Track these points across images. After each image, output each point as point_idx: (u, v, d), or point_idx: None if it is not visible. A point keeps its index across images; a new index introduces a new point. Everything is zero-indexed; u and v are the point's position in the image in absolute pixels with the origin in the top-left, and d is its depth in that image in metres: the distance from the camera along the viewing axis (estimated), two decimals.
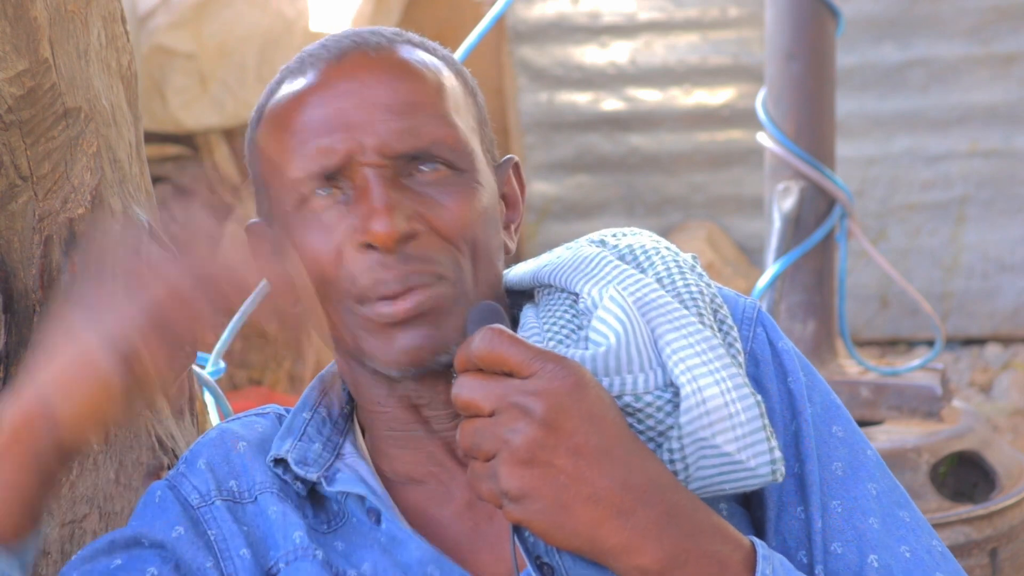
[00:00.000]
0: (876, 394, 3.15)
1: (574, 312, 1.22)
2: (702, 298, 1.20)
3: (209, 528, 1.23)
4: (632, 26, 6.23)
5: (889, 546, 1.18)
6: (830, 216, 3.21)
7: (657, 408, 1.13)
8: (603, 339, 1.15)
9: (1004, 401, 5.28)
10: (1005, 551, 2.85)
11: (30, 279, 1.34)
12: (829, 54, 3.24)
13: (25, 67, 1.29)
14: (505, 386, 1.06)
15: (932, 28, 5.80)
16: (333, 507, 1.25)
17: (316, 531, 1.23)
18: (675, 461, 1.12)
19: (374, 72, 1.22)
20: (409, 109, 1.21)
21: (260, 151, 1.27)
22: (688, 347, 1.13)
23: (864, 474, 1.22)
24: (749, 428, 1.11)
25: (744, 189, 6.11)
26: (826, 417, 1.24)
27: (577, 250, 1.26)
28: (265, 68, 4.62)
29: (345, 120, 1.20)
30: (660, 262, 1.23)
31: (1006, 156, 5.81)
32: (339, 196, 1.21)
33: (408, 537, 1.20)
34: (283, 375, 5.00)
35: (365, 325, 1.20)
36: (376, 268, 1.18)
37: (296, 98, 1.23)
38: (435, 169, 1.21)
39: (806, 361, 1.27)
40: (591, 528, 1.04)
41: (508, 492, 1.05)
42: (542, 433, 1.04)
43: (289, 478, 1.25)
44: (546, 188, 6.37)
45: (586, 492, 1.04)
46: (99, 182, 1.39)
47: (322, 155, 1.20)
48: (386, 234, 1.16)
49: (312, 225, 1.21)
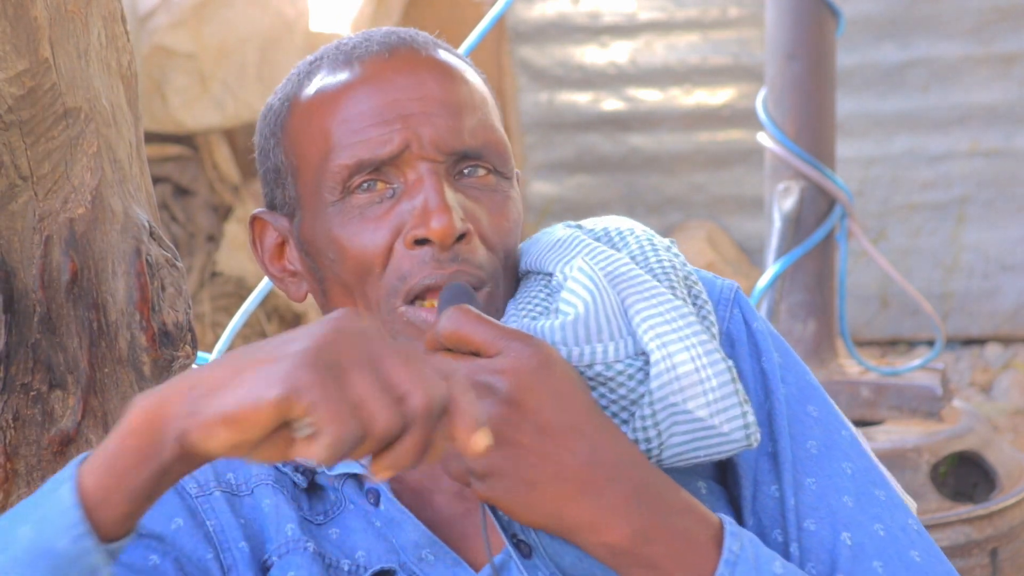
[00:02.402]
0: (876, 394, 3.15)
1: (548, 292, 1.22)
2: (675, 272, 1.21)
3: (208, 518, 1.23)
4: (632, 26, 6.23)
5: (863, 524, 1.18)
6: (830, 216, 3.21)
7: (628, 376, 1.13)
8: (571, 308, 1.15)
9: (1004, 401, 5.28)
10: (1005, 551, 2.86)
11: (30, 279, 1.34)
12: (829, 54, 3.24)
13: (25, 67, 1.29)
14: (471, 366, 1.07)
15: (932, 28, 5.79)
16: (331, 496, 1.25)
17: (311, 523, 1.23)
18: (647, 427, 1.12)
19: (429, 69, 1.23)
20: (462, 109, 1.22)
21: (292, 138, 1.26)
22: (658, 315, 1.13)
23: (839, 453, 1.22)
24: (721, 393, 1.11)
25: (744, 189, 6.11)
26: (801, 397, 1.24)
27: (552, 234, 1.27)
28: (265, 68, 4.62)
29: (402, 111, 1.20)
30: (634, 241, 1.24)
31: (1006, 156, 5.81)
32: (384, 191, 1.21)
33: (405, 518, 1.20)
34: None
35: (406, 330, 1.19)
36: (429, 263, 1.18)
37: (344, 87, 1.22)
38: (480, 173, 1.22)
39: (782, 341, 1.28)
40: (558, 505, 1.05)
41: (475, 470, 1.05)
42: (507, 411, 1.05)
43: (289, 469, 1.25)
44: (546, 188, 6.37)
45: (552, 470, 1.05)
46: (99, 182, 1.39)
47: (377, 144, 1.19)
48: (444, 230, 1.16)
49: (357, 218, 1.21)
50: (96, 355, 1.37)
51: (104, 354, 1.38)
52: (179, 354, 1.44)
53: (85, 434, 1.36)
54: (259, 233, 1.32)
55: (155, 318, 1.42)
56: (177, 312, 1.44)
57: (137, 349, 1.41)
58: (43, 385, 1.34)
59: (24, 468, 1.34)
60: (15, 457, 1.33)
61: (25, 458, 1.34)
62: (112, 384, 1.39)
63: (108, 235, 1.40)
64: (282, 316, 5.01)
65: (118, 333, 1.40)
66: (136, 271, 1.41)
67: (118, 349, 1.40)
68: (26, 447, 1.33)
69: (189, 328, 1.46)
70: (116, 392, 1.40)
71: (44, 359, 1.34)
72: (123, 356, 1.40)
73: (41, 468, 1.35)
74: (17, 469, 1.33)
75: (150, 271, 1.42)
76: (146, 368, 1.42)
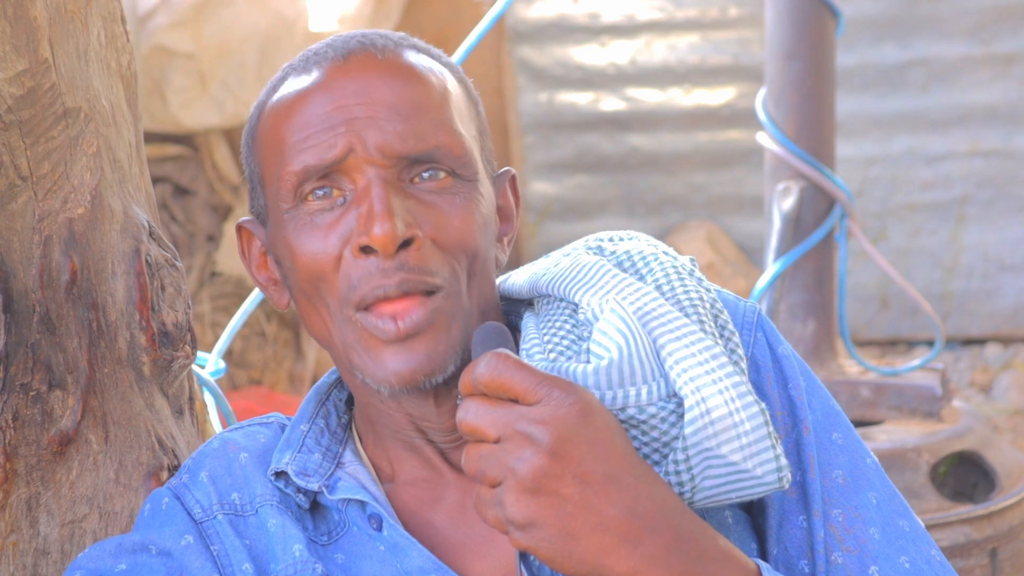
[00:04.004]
0: (876, 394, 3.15)
1: (574, 323, 1.21)
2: (702, 304, 1.19)
3: (212, 543, 1.23)
4: (632, 26, 6.22)
5: (889, 556, 1.18)
6: (830, 216, 3.21)
7: (661, 419, 1.12)
8: (605, 352, 1.13)
9: (1004, 401, 5.28)
10: (1005, 551, 2.85)
11: (30, 279, 1.34)
12: (829, 54, 3.24)
13: (25, 67, 1.29)
14: (511, 413, 1.05)
15: (932, 28, 5.79)
16: (334, 517, 1.25)
17: (316, 543, 1.23)
18: (680, 472, 1.11)
19: (380, 74, 1.21)
20: (414, 112, 1.20)
21: (258, 146, 1.26)
22: (690, 356, 1.12)
23: (865, 483, 1.22)
24: (754, 437, 1.10)
25: (744, 189, 6.11)
26: (827, 424, 1.24)
27: (575, 258, 1.25)
28: (265, 68, 4.62)
29: (348, 116, 1.19)
30: (659, 268, 1.22)
31: (1006, 156, 5.80)
32: (337, 199, 1.20)
33: (409, 544, 1.20)
34: (283, 375, 5.00)
35: (361, 337, 1.19)
36: (375, 274, 1.17)
37: (300, 95, 1.22)
38: (436, 176, 1.20)
39: (805, 366, 1.27)
40: (599, 556, 1.04)
41: (514, 520, 1.04)
42: (548, 462, 1.03)
43: (291, 491, 1.25)
44: (546, 188, 6.36)
45: (593, 521, 1.04)
46: (99, 182, 1.39)
47: (323, 149, 1.18)
48: (385, 237, 1.15)
49: (308, 226, 1.20)
50: (96, 355, 1.37)
51: (104, 354, 1.38)
52: (179, 354, 1.44)
53: (85, 434, 1.36)
54: (246, 241, 1.32)
55: (155, 318, 1.42)
56: (177, 312, 1.44)
57: (137, 349, 1.41)
58: (43, 385, 1.34)
59: (24, 468, 1.34)
60: (15, 457, 1.33)
61: (25, 458, 1.34)
62: (112, 384, 1.39)
63: (108, 235, 1.40)
64: (282, 316, 5.01)
65: (118, 333, 1.40)
66: (136, 271, 1.41)
67: (118, 349, 1.40)
68: (26, 447, 1.33)
69: (189, 328, 1.46)
70: (116, 392, 1.39)
71: (44, 359, 1.34)
72: (123, 356, 1.40)
73: (41, 468, 1.35)
74: (17, 469, 1.33)
75: (150, 271, 1.42)
76: (146, 368, 1.42)
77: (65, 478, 1.36)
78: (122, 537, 1.24)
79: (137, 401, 1.41)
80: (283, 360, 5.00)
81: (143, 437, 1.41)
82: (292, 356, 5.04)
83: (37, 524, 1.35)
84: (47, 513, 1.35)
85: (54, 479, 1.35)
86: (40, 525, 1.35)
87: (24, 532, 1.34)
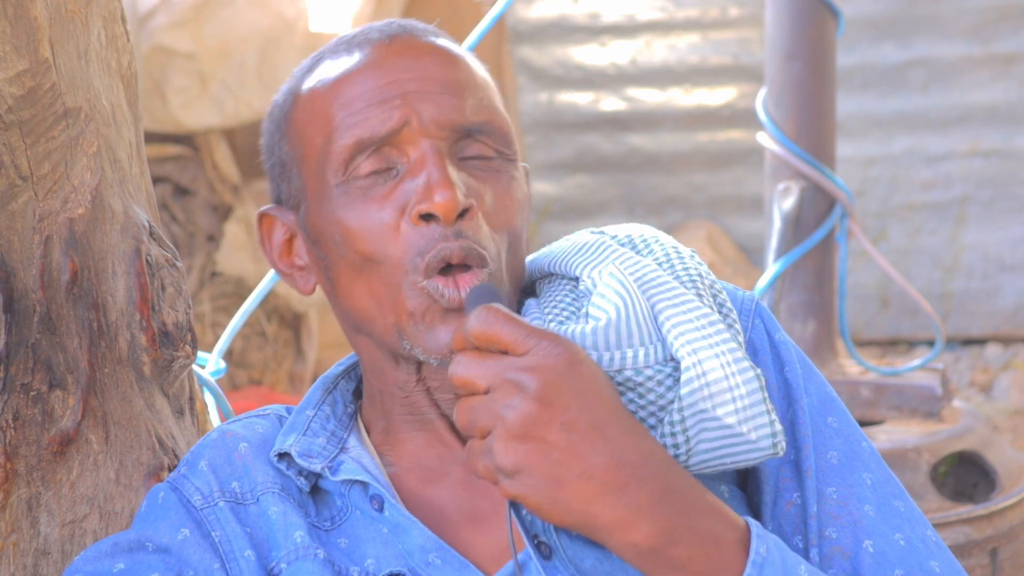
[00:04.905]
0: (876, 394, 3.15)
1: (574, 296, 1.22)
2: (701, 281, 1.21)
3: (213, 529, 1.23)
4: (632, 26, 6.22)
5: (884, 533, 1.19)
6: (830, 216, 3.20)
7: (658, 382, 1.13)
8: (603, 313, 1.15)
9: (1004, 401, 5.28)
10: (1005, 551, 2.85)
11: (30, 279, 1.34)
12: (829, 54, 3.24)
13: (25, 67, 1.29)
14: (500, 364, 1.07)
15: (932, 28, 5.79)
16: (336, 502, 1.25)
17: (318, 529, 1.24)
18: (676, 434, 1.12)
19: (429, 53, 1.24)
20: (463, 89, 1.23)
21: (296, 128, 1.27)
22: (688, 322, 1.14)
23: (859, 464, 1.23)
24: (750, 401, 1.11)
25: (744, 189, 6.11)
26: (821, 409, 1.25)
27: (576, 238, 1.27)
28: (265, 68, 4.62)
29: (402, 90, 1.21)
30: (659, 249, 1.25)
31: (1006, 156, 5.81)
32: (389, 172, 1.21)
33: (411, 524, 1.20)
34: (283, 375, 5.00)
35: (424, 304, 1.19)
36: (438, 239, 1.18)
37: (348, 74, 1.23)
38: (483, 152, 1.23)
39: (802, 354, 1.28)
40: (584, 504, 1.05)
41: (503, 467, 1.05)
42: (536, 408, 1.05)
43: (292, 473, 1.25)
44: (546, 188, 6.37)
45: (578, 468, 1.05)
46: (99, 182, 1.39)
47: (377, 122, 1.20)
48: (447, 204, 1.17)
49: (361, 199, 1.21)
50: (96, 355, 1.37)
51: (104, 354, 1.38)
52: (179, 354, 1.44)
53: (85, 434, 1.36)
54: (267, 230, 1.33)
55: (155, 318, 1.42)
56: (177, 312, 1.44)
57: (137, 349, 1.41)
58: (43, 385, 1.34)
59: (24, 468, 1.34)
60: (15, 457, 1.33)
61: (25, 458, 1.33)
62: (112, 384, 1.39)
63: (108, 235, 1.40)
64: (282, 316, 5.01)
65: (118, 333, 1.40)
66: (136, 271, 1.41)
67: (118, 349, 1.40)
68: (26, 447, 1.33)
69: (189, 328, 1.46)
70: (116, 392, 1.39)
71: (44, 359, 1.34)
72: (123, 356, 1.40)
73: (41, 468, 1.35)
74: (17, 469, 1.33)
75: (150, 271, 1.42)
76: (146, 368, 1.42)
77: (65, 478, 1.36)
78: (118, 536, 1.24)
79: (137, 401, 1.41)
80: (283, 360, 5.00)
81: (143, 437, 1.41)
82: (292, 356, 5.05)
83: (37, 524, 1.35)
84: (47, 513, 1.35)
85: (54, 479, 1.35)
86: (40, 525, 1.35)
87: (24, 532, 1.34)
